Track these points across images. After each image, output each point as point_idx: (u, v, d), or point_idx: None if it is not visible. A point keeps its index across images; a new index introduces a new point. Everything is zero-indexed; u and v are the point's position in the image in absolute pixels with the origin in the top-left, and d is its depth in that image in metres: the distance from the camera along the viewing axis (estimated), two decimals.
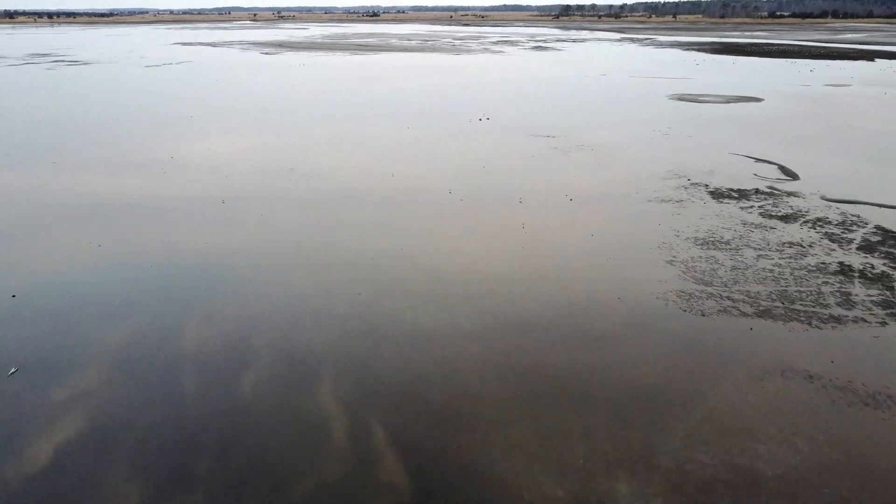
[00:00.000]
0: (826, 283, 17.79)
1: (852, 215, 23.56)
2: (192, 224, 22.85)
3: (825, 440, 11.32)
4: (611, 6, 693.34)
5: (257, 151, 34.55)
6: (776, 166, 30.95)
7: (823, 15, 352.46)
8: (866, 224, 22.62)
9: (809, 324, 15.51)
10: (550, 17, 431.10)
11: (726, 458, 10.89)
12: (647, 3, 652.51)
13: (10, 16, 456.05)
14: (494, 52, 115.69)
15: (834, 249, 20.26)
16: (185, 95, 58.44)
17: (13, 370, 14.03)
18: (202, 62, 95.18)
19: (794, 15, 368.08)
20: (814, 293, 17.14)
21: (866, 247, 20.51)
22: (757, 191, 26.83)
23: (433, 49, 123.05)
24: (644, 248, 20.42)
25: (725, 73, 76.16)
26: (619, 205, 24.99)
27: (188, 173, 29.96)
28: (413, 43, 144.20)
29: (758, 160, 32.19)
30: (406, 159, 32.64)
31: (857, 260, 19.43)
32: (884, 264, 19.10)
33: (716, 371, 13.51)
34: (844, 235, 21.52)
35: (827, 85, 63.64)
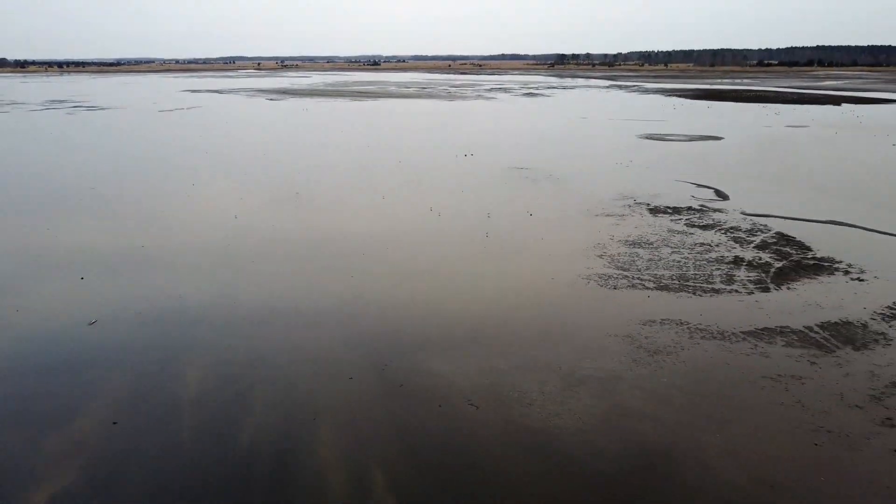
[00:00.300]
0: (718, 269, 22.74)
1: (761, 225, 28.62)
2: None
3: (680, 358, 16.14)
4: (605, 55, 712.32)
5: (264, 187, 39.80)
6: (713, 190, 36.15)
7: (810, 63, 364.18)
8: (769, 230, 27.67)
9: (694, 293, 20.43)
10: (546, 66, 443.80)
11: (606, 363, 15.70)
12: (640, 52, 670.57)
13: (22, 65, 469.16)
14: (487, 98, 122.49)
15: (735, 248, 25.26)
16: (196, 137, 64.13)
17: (94, 321, 18.87)
18: (211, 107, 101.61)
19: (781, 63, 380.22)
20: (705, 275, 22.08)
21: (761, 245, 25.52)
22: (689, 208, 31.95)
23: (430, 96, 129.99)
24: (582, 247, 25.42)
25: (698, 116, 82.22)
26: (570, 218, 30.08)
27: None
28: (411, 90, 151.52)
29: (699, 186, 37.42)
30: (396, 186, 37.86)
31: (749, 254, 24.41)
32: (769, 257, 24.06)
33: (614, 321, 18.37)
34: (748, 238, 26.53)
35: (787, 126, 69.48)
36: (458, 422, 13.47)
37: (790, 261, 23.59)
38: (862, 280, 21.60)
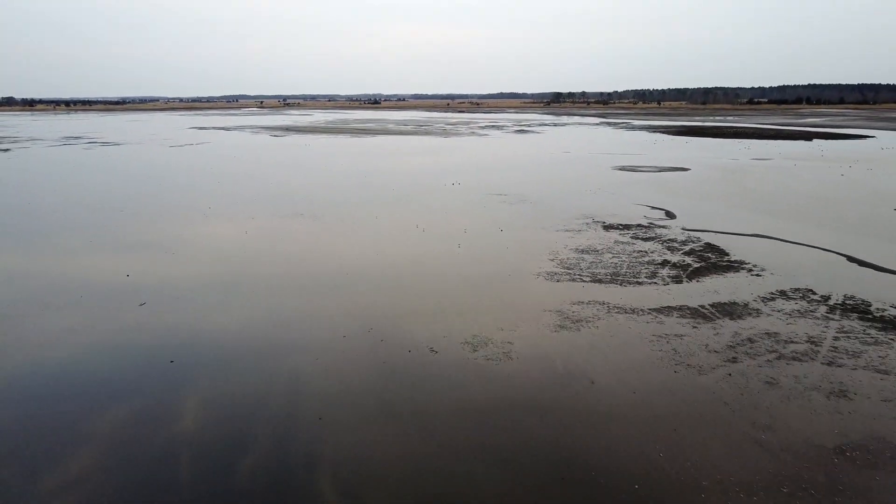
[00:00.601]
0: (646, 269, 27.93)
1: (695, 237, 33.88)
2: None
3: (595, 325, 21.25)
4: (601, 93, 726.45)
5: (270, 208, 45.20)
6: (664, 211, 41.50)
7: (798, 101, 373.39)
8: (699, 241, 32.92)
9: (620, 285, 25.59)
10: (542, 105, 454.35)
11: (538, 326, 20.81)
12: (635, 90, 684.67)
13: (30, 104, 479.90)
14: (480, 135, 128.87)
15: (666, 254, 30.48)
16: (209, 168, 69.81)
17: (143, 303, 24.00)
18: (218, 143, 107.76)
19: (771, 101, 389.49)
20: (634, 273, 27.27)
21: (689, 252, 30.75)
22: (638, 225, 37.25)
23: (426, 133, 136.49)
24: (538, 254, 30.64)
25: (674, 150, 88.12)
26: (533, 233, 35.35)
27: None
28: (408, 127, 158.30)
29: (653, 208, 42.79)
30: (389, 208, 43.23)
31: (676, 258, 29.61)
32: (692, 260, 29.27)
33: (551, 301, 23.50)
34: (679, 247, 31.77)
35: (752, 159, 75.25)
36: (423, 359, 18.57)
37: (708, 263, 28.81)
38: (759, 276, 26.80)
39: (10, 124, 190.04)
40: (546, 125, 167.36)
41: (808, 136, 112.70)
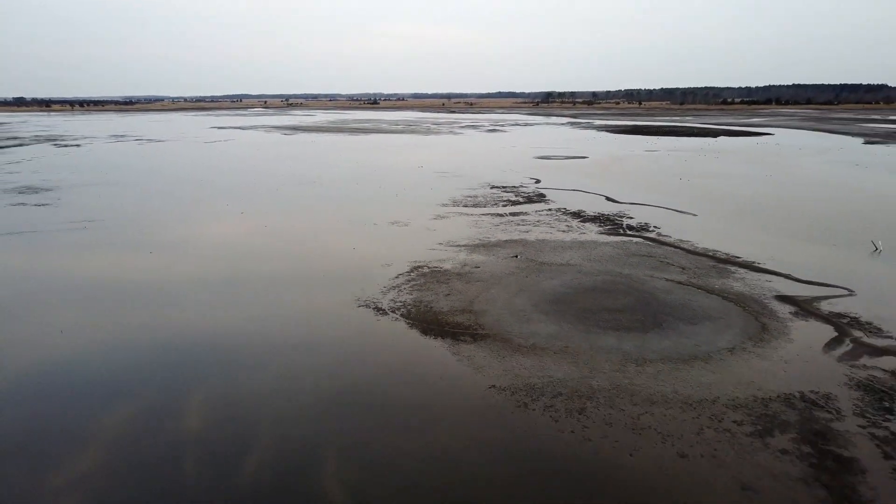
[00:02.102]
0: (494, 202, 54.34)
1: (538, 191, 60.23)
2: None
3: (456, 225, 47.76)
4: (595, 92, 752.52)
5: (287, 179, 71.65)
6: (535, 179, 67.91)
7: (769, 102, 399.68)
8: (538, 192, 59.34)
9: (475, 207, 52.04)
10: (533, 104, 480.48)
11: (414, 229, 47.36)
12: (625, 90, 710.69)
13: (47, 104, 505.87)
14: (457, 133, 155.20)
15: (512, 197, 56.89)
16: (243, 159, 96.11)
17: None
18: (240, 140, 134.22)
19: (744, 102, 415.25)
20: (486, 203, 53.72)
21: (526, 197, 57.14)
22: (513, 186, 63.67)
23: (412, 132, 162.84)
24: (446, 198, 57.00)
25: (598, 145, 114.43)
26: (449, 190, 61.68)
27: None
28: (399, 127, 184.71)
29: (532, 178, 69.12)
30: (364, 182, 69.61)
31: (515, 199, 56.01)
32: (522, 200, 55.69)
33: (438, 212, 49.95)
34: (524, 195, 58.15)
35: (644, 150, 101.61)
36: (386, 227, 45.20)
37: (530, 201, 55.26)
38: (551, 205, 53.18)
39: (47, 124, 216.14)
40: (518, 125, 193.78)
41: (715, 134, 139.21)
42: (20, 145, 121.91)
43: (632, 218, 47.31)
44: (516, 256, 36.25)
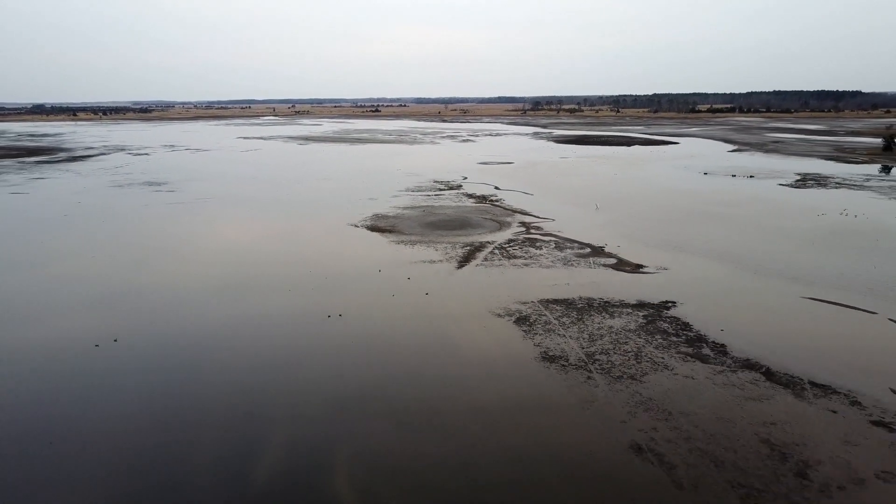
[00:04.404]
0: (427, 189, 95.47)
1: (461, 184, 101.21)
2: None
3: (396, 200, 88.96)
4: (587, 98, 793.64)
5: (312, 174, 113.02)
6: (464, 176, 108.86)
7: (732, 110, 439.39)
8: (459, 185, 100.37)
9: (415, 192, 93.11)
10: (520, 112, 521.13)
11: (386, 202, 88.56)
12: (612, 96, 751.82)
13: (74, 112, 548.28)
14: (435, 144, 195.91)
15: (441, 186, 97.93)
16: (278, 165, 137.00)
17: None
18: (268, 150, 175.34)
19: (710, 110, 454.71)
20: (422, 190, 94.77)
21: (450, 186, 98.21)
22: (446, 181, 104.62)
23: (401, 142, 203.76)
24: (398, 188, 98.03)
25: (534, 152, 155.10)
26: (403, 183, 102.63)
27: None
28: (391, 137, 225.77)
29: (463, 176, 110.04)
30: (358, 177, 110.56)
31: (442, 188, 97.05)
32: (446, 188, 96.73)
33: (387, 197, 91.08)
34: (450, 186, 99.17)
35: (559, 157, 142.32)
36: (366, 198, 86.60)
37: (451, 189, 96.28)
38: (459, 193, 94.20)
39: (96, 134, 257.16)
40: (491, 135, 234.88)
41: (630, 143, 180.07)
42: (102, 154, 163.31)
43: (496, 196, 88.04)
44: (423, 211, 76.96)
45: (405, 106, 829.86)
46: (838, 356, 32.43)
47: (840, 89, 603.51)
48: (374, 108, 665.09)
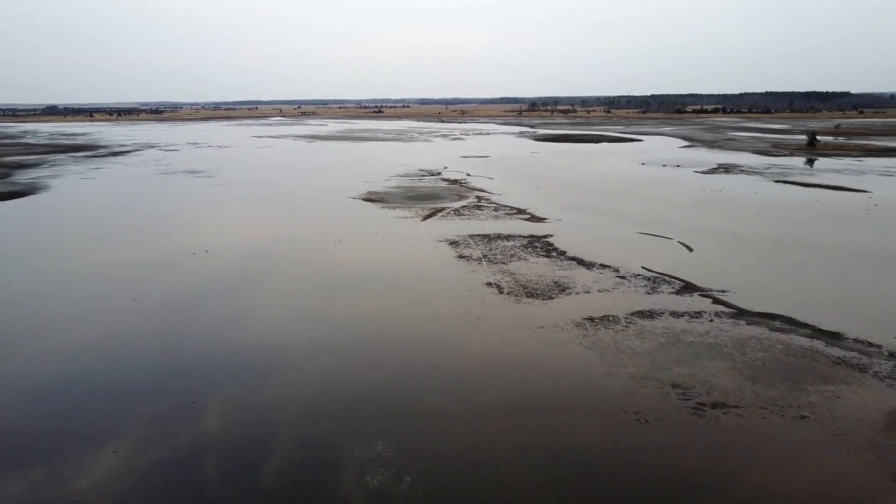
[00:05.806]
0: (413, 176, 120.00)
1: (440, 171, 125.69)
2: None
3: (385, 184, 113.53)
4: (583, 99, 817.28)
5: (320, 166, 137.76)
6: (445, 167, 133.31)
7: (716, 111, 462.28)
8: (440, 173, 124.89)
9: (400, 178, 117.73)
10: (516, 112, 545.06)
11: (373, 185, 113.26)
12: (609, 96, 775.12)
13: (90, 114, 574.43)
14: (429, 142, 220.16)
15: (425, 174, 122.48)
16: (297, 159, 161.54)
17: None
18: (281, 147, 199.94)
19: (694, 110, 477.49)
20: (408, 177, 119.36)
21: (431, 173, 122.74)
22: (429, 170, 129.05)
23: (398, 140, 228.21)
24: (386, 175, 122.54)
25: (512, 148, 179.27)
26: (388, 171, 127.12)
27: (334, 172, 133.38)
28: (390, 136, 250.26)
29: (444, 167, 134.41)
30: (360, 166, 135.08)
31: (426, 175, 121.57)
32: (428, 175, 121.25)
33: (377, 180, 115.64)
34: (433, 174, 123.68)
35: (531, 152, 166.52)
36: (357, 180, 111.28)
37: (433, 176, 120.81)
38: (438, 178, 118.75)
39: (121, 133, 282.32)
40: (480, 134, 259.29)
41: (599, 140, 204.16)
42: (136, 150, 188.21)
43: (465, 180, 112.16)
44: (406, 189, 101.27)
45: (408, 107, 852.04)
46: (627, 255, 56.75)
47: (829, 90, 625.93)
48: (377, 109, 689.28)
